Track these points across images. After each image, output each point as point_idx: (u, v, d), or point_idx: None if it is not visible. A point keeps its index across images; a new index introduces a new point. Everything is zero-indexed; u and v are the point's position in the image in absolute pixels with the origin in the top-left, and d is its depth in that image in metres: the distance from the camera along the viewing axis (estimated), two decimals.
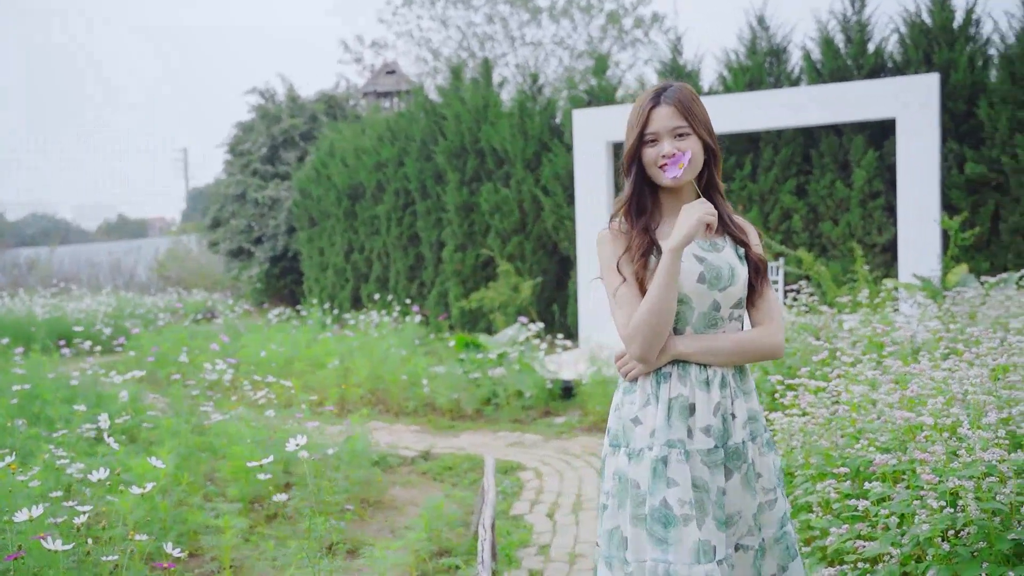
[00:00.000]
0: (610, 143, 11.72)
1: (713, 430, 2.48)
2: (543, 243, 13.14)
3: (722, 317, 2.56)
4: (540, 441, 7.78)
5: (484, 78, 14.39)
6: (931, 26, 10.82)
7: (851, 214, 10.84)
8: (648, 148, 2.54)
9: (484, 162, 13.67)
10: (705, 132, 2.54)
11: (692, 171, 2.53)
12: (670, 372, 2.51)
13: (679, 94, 2.55)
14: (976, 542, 2.79)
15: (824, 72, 11.25)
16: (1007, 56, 10.34)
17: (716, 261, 2.55)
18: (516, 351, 9.21)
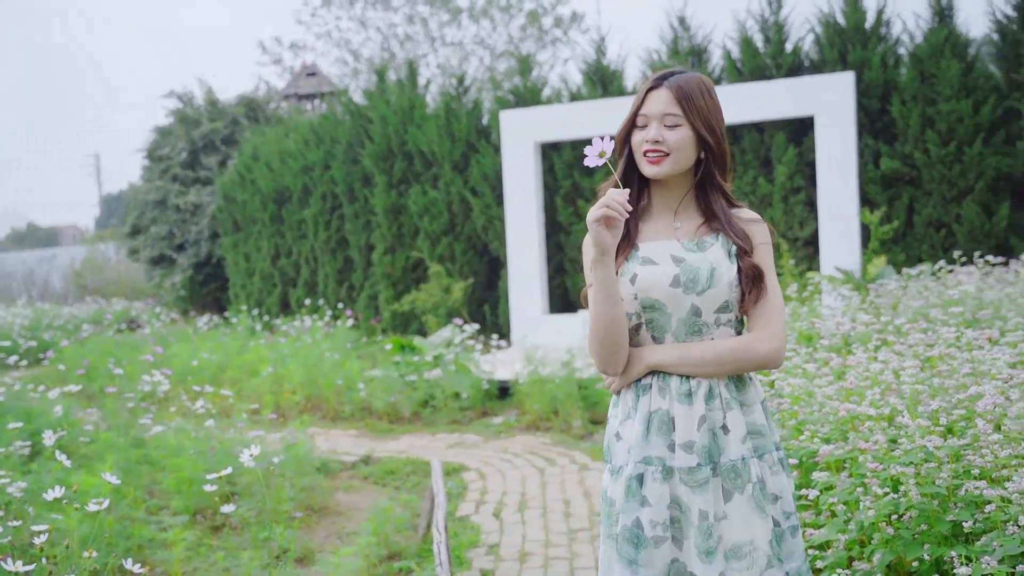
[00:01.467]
0: (538, 143, 11.84)
1: (697, 447, 2.26)
2: (473, 244, 13.20)
3: (706, 323, 2.32)
4: (480, 442, 7.84)
5: (409, 80, 14.39)
6: (845, 26, 11.17)
7: (774, 209, 11.14)
8: (638, 131, 2.35)
9: (412, 164, 13.67)
10: (703, 126, 2.29)
11: (675, 165, 2.31)
12: (650, 384, 2.33)
13: (683, 81, 2.32)
14: (918, 525, 2.93)
15: (744, 71, 11.53)
16: (916, 55, 10.73)
17: (695, 262, 2.31)
18: (452, 353, 9.25)
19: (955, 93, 10.39)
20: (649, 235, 2.39)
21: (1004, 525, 2.65)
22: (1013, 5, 10.59)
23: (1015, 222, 10.39)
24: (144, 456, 6.10)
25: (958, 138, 10.38)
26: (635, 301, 2.33)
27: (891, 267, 9.25)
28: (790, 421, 3.84)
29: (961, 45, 10.64)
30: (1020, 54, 10.44)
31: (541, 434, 7.99)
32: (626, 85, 12.40)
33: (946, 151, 10.37)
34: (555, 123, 11.73)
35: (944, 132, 10.44)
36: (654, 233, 2.40)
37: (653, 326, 2.34)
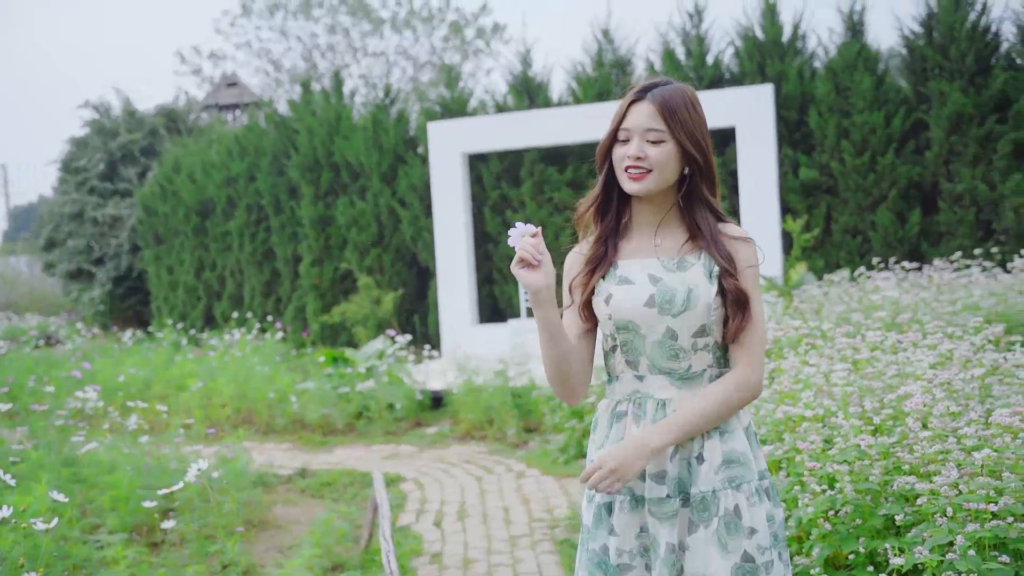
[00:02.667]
0: (465, 154, 11.93)
1: (668, 477, 2.18)
2: (402, 255, 13.22)
3: (683, 348, 2.20)
4: (415, 452, 7.88)
5: (335, 91, 14.35)
6: (763, 40, 11.52)
7: None
8: (619, 146, 2.24)
9: (339, 176, 13.63)
10: (689, 141, 2.19)
11: (658, 181, 2.20)
12: (625, 410, 2.25)
13: (667, 94, 2.22)
14: (853, 520, 3.09)
15: None
16: (831, 68, 11.12)
17: (672, 282, 2.20)
18: (384, 364, 9.27)
19: (868, 105, 10.78)
20: (628, 253, 2.29)
21: (933, 517, 2.81)
22: (919, 21, 11.04)
23: (926, 229, 10.82)
24: (75, 474, 6.00)
25: (872, 148, 10.77)
26: (609, 322, 2.25)
27: (811, 273, 9.57)
28: None
29: (873, 59, 11.05)
30: (927, 68, 10.89)
31: (476, 443, 8.06)
32: (552, 96, 12.57)
33: (861, 161, 10.76)
34: (482, 134, 11.83)
35: (858, 143, 10.83)
36: (634, 251, 2.29)
37: (627, 349, 2.24)
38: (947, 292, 6.65)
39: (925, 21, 10.98)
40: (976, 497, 2.68)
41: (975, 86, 10.58)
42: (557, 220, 12.14)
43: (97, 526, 5.53)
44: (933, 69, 10.83)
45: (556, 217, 12.16)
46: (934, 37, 10.90)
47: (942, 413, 3.15)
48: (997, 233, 10.58)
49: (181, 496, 5.74)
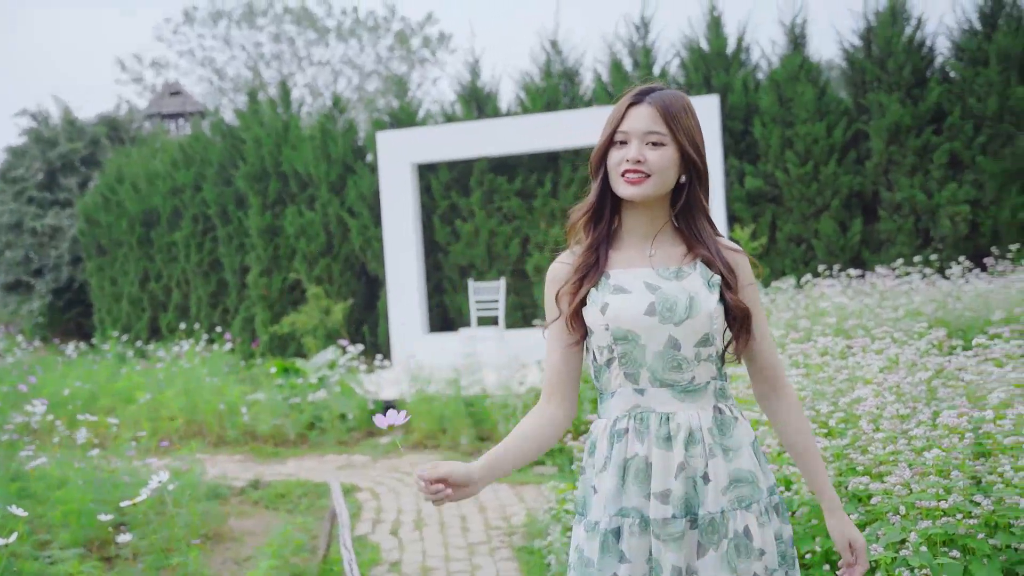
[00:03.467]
0: (415, 164, 11.95)
1: (673, 496, 2.06)
2: (351, 265, 13.18)
3: (685, 358, 2.10)
4: (369, 462, 7.87)
5: (283, 100, 14.28)
6: (708, 52, 11.72)
7: None
8: (616, 150, 2.14)
9: (287, 185, 13.55)
10: (689, 146, 2.11)
11: (657, 186, 2.11)
12: (625, 427, 2.12)
13: (667, 97, 2.15)
14: (809, 520, 3.18)
15: (615, 93, 11.93)
16: (774, 80, 11.35)
17: (672, 291, 2.11)
18: (336, 374, 9.24)
19: (810, 116, 11.03)
20: (620, 263, 2.19)
21: (886, 516, 2.90)
22: (859, 35, 11.33)
23: (867, 237, 11.08)
24: (23, 489, 5.91)
25: (814, 158, 11.02)
26: (606, 332, 2.12)
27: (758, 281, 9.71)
28: None
29: (814, 71, 11.31)
30: (866, 80, 11.17)
31: (430, 452, 8.07)
32: (500, 106, 12.65)
33: (804, 170, 11.00)
34: (432, 144, 11.86)
35: (802, 153, 11.06)
36: (626, 261, 2.19)
37: (627, 360, 2.12)
38: (890, 298, 6.83)
39: (864, 34, 11.27)
40: (927, 496, 2.78)
41: (912, 98, 10.88)
42: (507, 229, 12.21)
43: (47, 542, 5.45)
44: (872, 81, 11.12)
45: (505, 226, 12.23)
46: (873, 50, 11.19)
47: (892, 415, 3.26)
48: (934, 241, 10.87)
49: (133, 510, 5.69)
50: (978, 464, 3.02)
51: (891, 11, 11.08)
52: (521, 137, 11.50)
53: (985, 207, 10.59)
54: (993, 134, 10.59)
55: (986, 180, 10.54)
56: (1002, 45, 10.52)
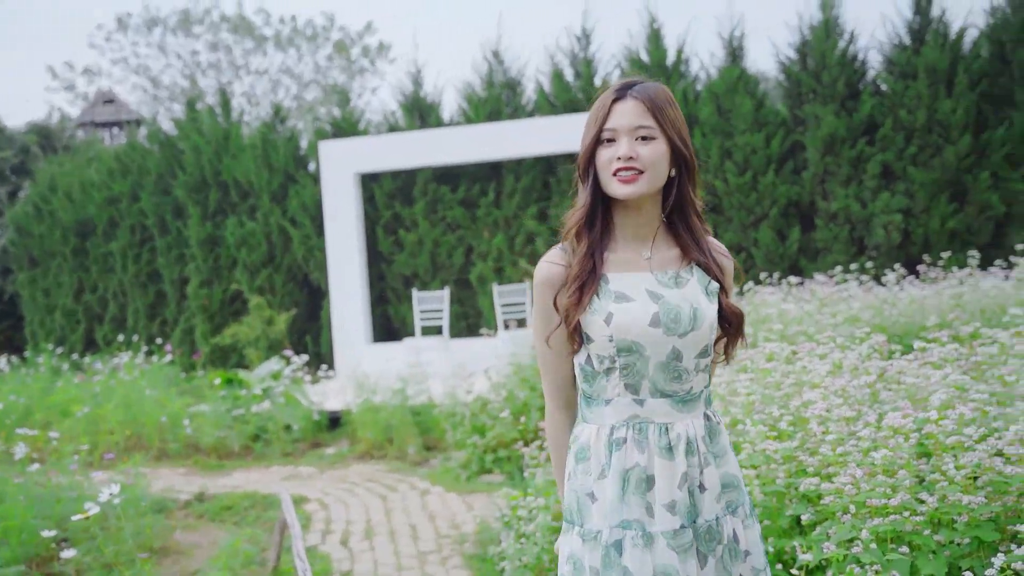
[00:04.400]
0: (358, 174, 11.92)
1: (679, 507, 2.03)
2: (293, 275, 13.08)
3: (686, 369, 2.06)
4: (316, 473, 7.82)
5: (223, 109, 14.13)
6: (648, 63, 11.89)
7: None
8: (604, 149, 2.06)
9: (228, 195, 13.41)
10: (678, 139, 2.05)
11: (651, 182, 2.04)
12: (624, 436, 2.06)
13: (651, 90, 2.06)
14: (762, 520, 3.26)
15: (557, 104, 12.04)
16: (713, 92, 11.56)
17: (675, 300, 2.06)
18: (281, 385, 9.16)
19: (749, 127, 11.25)
20: (617, 265, 2.10)
21: (837, 515, 2.99)
22: (794, 48, 11.59)
23: (804, 245, 11.33)
24: None
25: (753, 168, 11.24)
26: (610, 344, 2.04)
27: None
28: None
29: (752, 83, 11.54)
30: (802, 92, 11.43)
31: (376, 462, 8.05)
32: (443, 116, 12.68)
33: (743, 180, 11.21)
34: (375, 154, 11.84)
35: (741, 163, 11.28)
36: (622, 263, 2.11)
37: (629, 372, 2.06)
38: (829, 305, 7.00)
39: (800, 48, 11.53)
40: (876, 495, 2.88)
41: (846, 110, 11.16)
42: (450, 239, 12.23)
43: None
44: (808, 93, 11.38)
45: (449, 236, 12.25)
46: (808, 63, 11.45)
47: (839, 418, 3.36)
48: (869, 249, 11.15)
49: (76, 526, 5.58)
50: (921, 463, 3.13)
51: (825, 26, 11.36)
52: (464, 147, 11.54)
53: (916, 216, 10.90)
54: (923, 145, 10.91)
55: (917, 190, 10.84)
56: (930, 60, 10.84)
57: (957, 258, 10.30)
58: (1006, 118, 10.81)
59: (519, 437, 6.92)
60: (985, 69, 10.91)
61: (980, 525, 2.83)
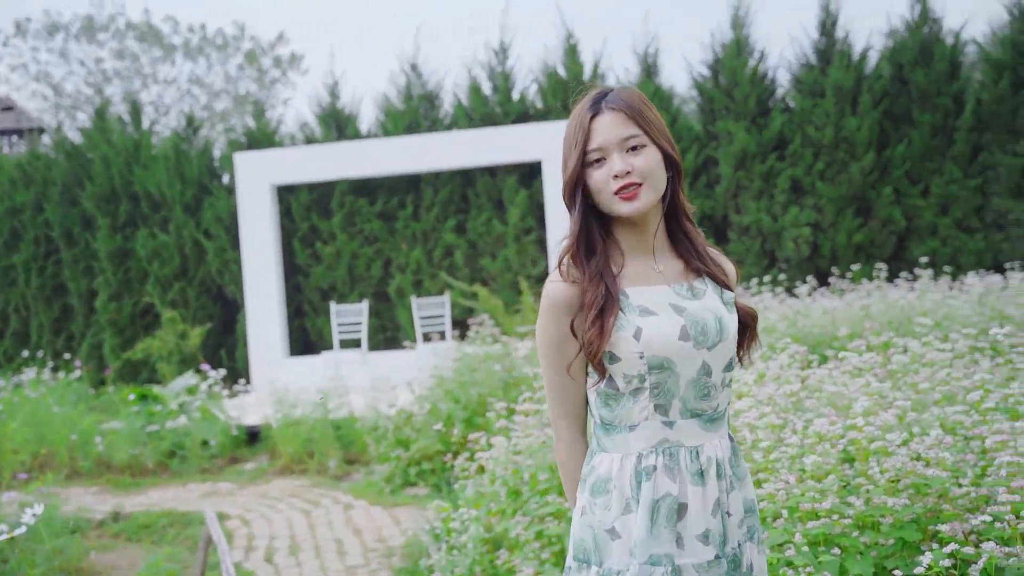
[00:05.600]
0: (274, 186, 11.78)
1: (713, 535, 1.91)
2: (207, 288, 12.84)
3: (715, 385, 1.94)
4: (235, 489, 7.69)
5: (133, 118, 13.81)
6: (565, 77, 12.04)
7: (508, 249, 11.73)
8: (594, 170, 1.93)
9: (139, 206, 13.09)
10: (665, 141, 1.95)
11: (653, 192, 1.94)
12: (654, 464, 1.90)
13: (626, 96, 1.95)
14: None
15: (475, 117, 12.10)
16: None
17: (699, 311, 1.94)
18: (197, 399, 8.99)
19: None
20: (631, 279, 1.98)
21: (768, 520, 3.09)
22: (707, 65, 11.88)
23: None
24: None
25: None
26: (640, 361, 1.90)
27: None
28: None
29: (667, 98, 11.78)
30: (714, 109, 11.72)
31: (297, 477, 7.95)
32: (361, 128, 12.63)
33: None
34: (291, 165, 11.73)
35: None
36: (637, 277, 1.98)
37: (660, 391, 1.91)
38: None
39: (712, 65, 11.83)
40: (807, 499, 2.98)
41: (757, 126, 11.48)
42: (368, 251, 12.18)
43: None
44: (720, 110, 11.67)
45: (367, 248, 12.19)
46: (720, 80, 11.75)
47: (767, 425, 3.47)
48: (779, 261, 11.48)
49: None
50: (846, 469, 3.25)
51: (736, 44, 11.68)
52: (383, 159, 11.51)
53: (824, 230, 11.26)
54: (830, 161, 11.28)
55: (825, 204, 11.21)
56: (836, 79, 11.24)
57: (865, 270, 10.68)
58: (906, 136, 11.25)
59: (444, 450, 6.92)
60: (886, 89, 11.35)
61: (904, 526, 2.96)
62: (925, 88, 11.19)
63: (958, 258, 10.95)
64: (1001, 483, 2.78)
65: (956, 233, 11.00)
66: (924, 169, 11.17)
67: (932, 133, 11.13)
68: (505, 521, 4.20)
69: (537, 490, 4.09)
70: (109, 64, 25.10)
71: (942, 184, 11.03)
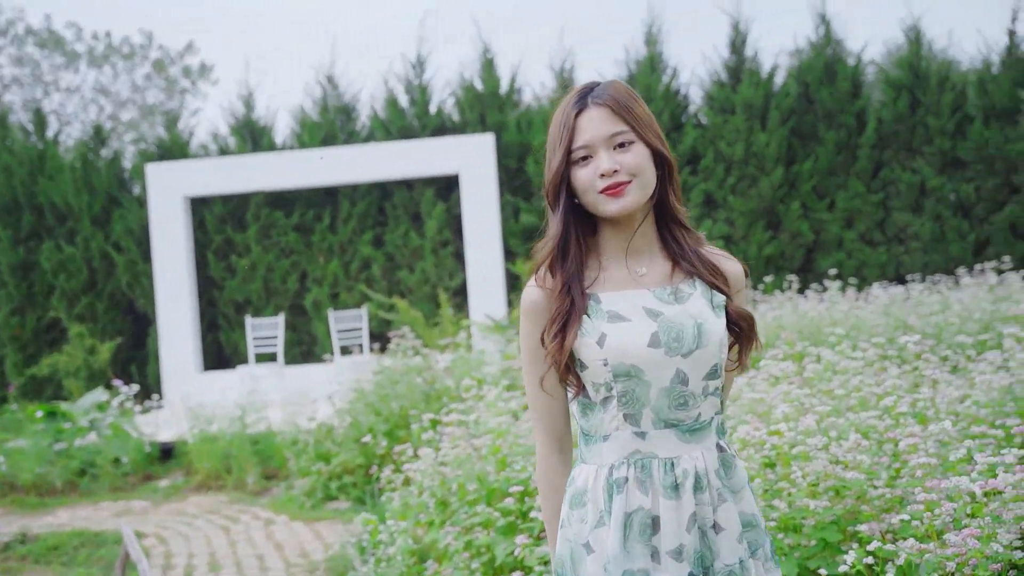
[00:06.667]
0: (187, 197, 11.58)
1: (687, 552, 1.82)
2: (117, 302, 12.51)
3: (693, 394, 1.85)
4: (150, 507, 7.52)
5: (36, 127, 13.40)
6: (483, 91, 12.12)
7: (425, 261, 11.73)
8: (580, 168, 1.86)
9: (43, 218, 12.70)
10: (655, 138, 1.88)
11: (641, 191, 1.86)
12: (625, 476, 1.84)
13: (613, 91, 1.88)
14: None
15: (392, 130, 12.08)
16: (546, 120, 11.87)
17: (677, 316, 1.85)
18: (109, 416, 8.76)
19: None
20: (609, 284, 1.91)
21: None
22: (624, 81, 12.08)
23: None
24: None
25: None
26: (605, 368, 1.85)
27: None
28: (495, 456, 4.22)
29: None
30: None
31: (215, 493, 7.81)
32: (277, 140, 12.50)
33: None
34: (205, 177, 11.54)
35: None
36: (615, 282, 1.92)
37: (628, 400, 1.85)
38: None
39: (627, 81, 12.03)
40: None
41: (671, 141, 11.73)
42: (284, 264, 12.04)
43: None
44: None
45: (283, 261, 12.06)
46: None
47: None
48: None
49: None
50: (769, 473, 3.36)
51: (650, 61, 11.92)
52: (299, 171, 11.41)
53: (736, 243, 11.54)
54: (741, 176, 11.59)
55: (736, 218, 11.50)
56: (745, 96, 11.55)
57: (777, 281, 10.98)
58: (812, 152, 11.63)
59: (366, 463, 6.89)
60: (793, 106, 11.72)
61: (825, 527, 3.07)
62: (830, 106, 11.58)
63: (863, 270, 11.34)
64: (916, 483, 2.91)
65: (860, 246, 11.40)
66: (830, 184, 11.55)
67: (837, 150, 11.52)
68: (433, 532, 4.22)
69: (466, 500, 4.11)
70: (7, 71, 24.31)
71: (847, 199, 11.42)
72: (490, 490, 4.03)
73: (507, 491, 3.96)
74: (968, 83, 11.47)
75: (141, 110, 24.94)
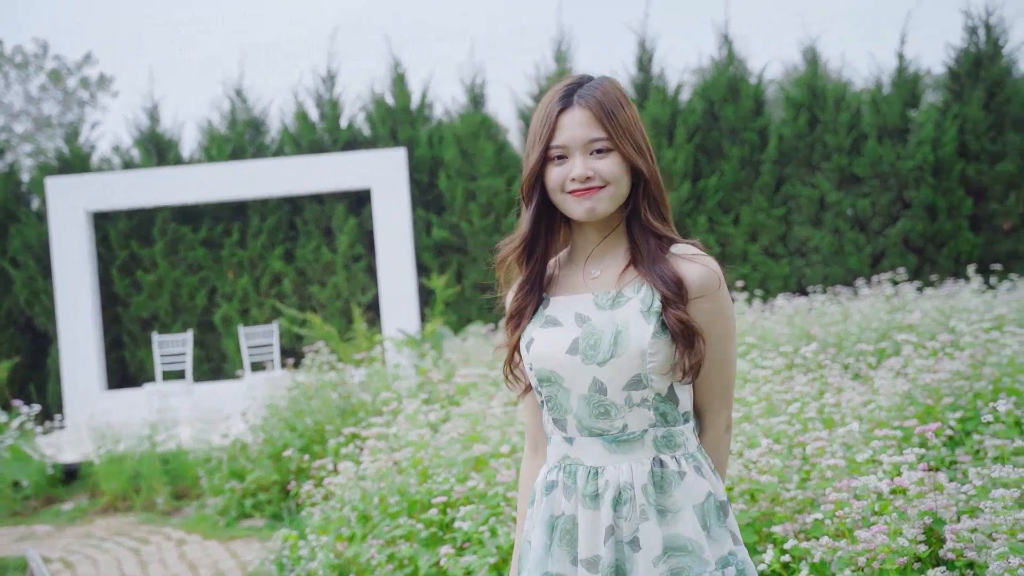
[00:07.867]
0: (90, 212, 11.30)
1: (602, 565, 1.79)
2: (14, 320, 12.10)
3: (614, 404, 1.81)
4: (53, 531, 7.30)
5: None
6: (394, 106, 12.14)
7: (337, 276, 11.67)
8: (555, 166, 1.83)
9: None
10: (633, 148, 1.82)
11: (613, 197, 1.83)
12: (555, 480, 1.87)
13: (599, 94, 1.83)
14: None
15: (303, 144, 12.00)
16: (457, 135, 11.97)
17: (601, 323, 1.82)
18: (8, 438, 8.46)
19: (491, 171, 11.74)
20: (563, 287, 1.92)
21: None
22: (532, 97, 12.25)
23: None
24: None
25: (495, 210, 11.72)
26: (531, 373, 1.89)
27: (446, 327, 10.17)
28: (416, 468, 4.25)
29: (494, 128, 12.06)
30: None
31: (123, 515, 7.62)
32: (183, 154, 12.28)
33: (486, 222, 11.65)
34: (108, 191, 11.27)
35: (484, 205, 11.73)
36: (569, 285, 1.92)
37: (553, 405, 1.87)
38: None
39: (537, 97, 12.19)
40: None
41: None
42: (193, 280, 11.83)
43: None
44: None
45: (191, 277, 11.85)
46: None
47: None
48: None
49: None
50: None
51: (559, 77, 12.09)
52: (207, 185, 11.24)
53: None
54: None
55: None
56: (653, 112, 11.82)
57: None
58: (718, 168, 11.95)
59: (281, 479, 6.82)
60: (699, 123, 12.03)
61: (743, 529, 3.19)
62: (734, 123, 11.93)
63: (767, 282, 11.69)
64: (826, 484, 3.05)
65: (764, 259, 11.75)
66: (734, 199, 11.88)
67: (741, 165, 11.87)
68: (356, 546, 4.21)
69: (388, 513, 4.13)
70: None
71: (751, 213, 11.76)
72: (412, 502, 4.05)
73: (429, 503, 3.99)
74: (862, 103, 11.95)
75: (36, 122, 24.19)
